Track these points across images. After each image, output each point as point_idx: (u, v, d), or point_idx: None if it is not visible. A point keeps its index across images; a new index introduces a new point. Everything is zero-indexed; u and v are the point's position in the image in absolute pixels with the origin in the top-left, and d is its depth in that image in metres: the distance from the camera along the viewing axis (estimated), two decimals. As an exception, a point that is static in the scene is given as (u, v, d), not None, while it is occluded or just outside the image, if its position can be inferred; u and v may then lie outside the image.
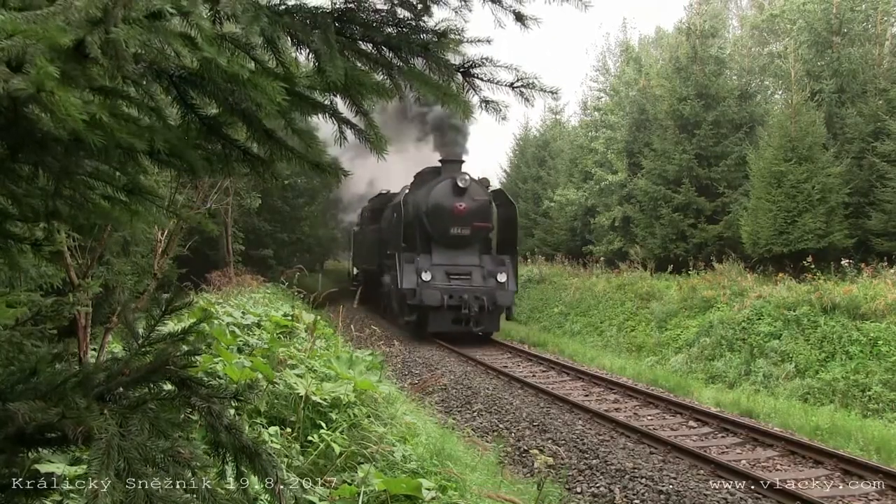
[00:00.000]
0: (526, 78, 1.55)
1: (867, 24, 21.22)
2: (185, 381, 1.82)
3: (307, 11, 1.16)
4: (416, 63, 1.37)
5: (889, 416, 10.95)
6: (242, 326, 8.08)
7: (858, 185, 18.44)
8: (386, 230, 19.89)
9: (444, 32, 1.32)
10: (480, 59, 1.49)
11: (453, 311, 15.98)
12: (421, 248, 17.16)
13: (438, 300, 15.83)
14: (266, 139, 1.33)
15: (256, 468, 1.81)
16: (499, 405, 10.01)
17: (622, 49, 38.01)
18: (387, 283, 19.14)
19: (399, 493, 3.71)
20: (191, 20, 0.94)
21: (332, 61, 1.14)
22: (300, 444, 4.34)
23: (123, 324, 2.09)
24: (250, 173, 1.46)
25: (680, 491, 6.37)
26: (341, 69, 1.15)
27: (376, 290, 21.41)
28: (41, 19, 0.86)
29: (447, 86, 1.40)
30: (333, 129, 1.51)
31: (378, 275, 20.77)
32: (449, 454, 5.15)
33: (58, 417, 1.47)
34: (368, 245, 23.14)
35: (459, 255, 17.12)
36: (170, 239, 5.69)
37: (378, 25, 1.27)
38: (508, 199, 18.79)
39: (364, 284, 24.33)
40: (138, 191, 1.57)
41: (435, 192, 17.30)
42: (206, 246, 19.06)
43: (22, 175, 1.31)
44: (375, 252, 21.17)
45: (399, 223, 17.08)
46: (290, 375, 5.13)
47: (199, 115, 1.33)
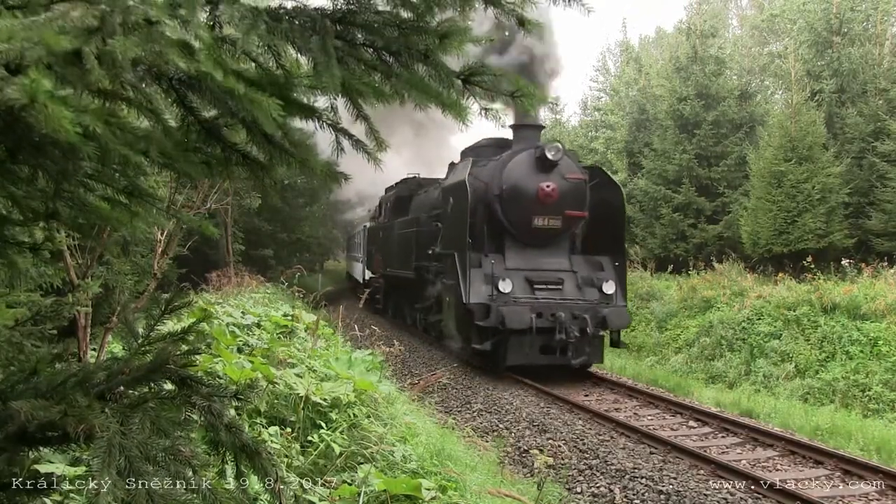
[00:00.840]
0: (526, 87, 1.56)
1: (867, 24, 21.23)
2: (185, 380, 1.82)
3: (307, 15, 1.17)
4: (417, 69, 1.37)
5: (889, 416, 10.96)
6: (242, 326, 8.09)
7: (858, 185, 18.45)
8: (426, 223, 15.03)
9: (447, 34, 1.32)
10: (480, 66, 1.49)
11: (543, 335, 10.91)
12: (489, 247, 12.07)
13: (527, 322, 10.73)
14: (265, 143, 1.34)
15: (256, 467, 1.82)
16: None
17: (622, 49, 38.02)
18: (435, 294, 14.02)
19: (399, 493, 3.72)
20: (189, 28, 0.95)
21: (329, 70, 1.15)
22: (300, 444, 4.35)
23: (123, 324, 2.11)
24: (249, 177, 1.47)
25: (680, 491, 6.37)
26: (338, 79, 1.16)
27: (407, 301, 17.46)
28: (38, 25, 0.87)
29: (447, 93, 1.40)
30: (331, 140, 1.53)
31: (414, 283, 15.74)
32: (449, 454, 5.16)
33: (60, 415, 1.47)
34: (395, 244, 17.88)
35: (543, 257, 12.15)
36: (169, 239, 5.70)
37: (379, 27, 1.28)
38: (609, 179, 13.11)
39: (385, 294, 20.62)
40: (137, 192, 1.58)
41: (512, 167, 12.03)
42: (206, 246, 19.07)
43: (21, 177, 1.32)
44: (407, 252, 16.19)
45: (462, 212, 11.68)
46: (290, 375, 5.14)
47: (199, 119, 1.34)
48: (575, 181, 12.11)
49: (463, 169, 12.73)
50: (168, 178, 5.32)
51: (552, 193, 11.80)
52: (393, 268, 18.19)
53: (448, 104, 1.39)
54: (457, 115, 1.41)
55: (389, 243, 18.85)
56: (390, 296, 20.31)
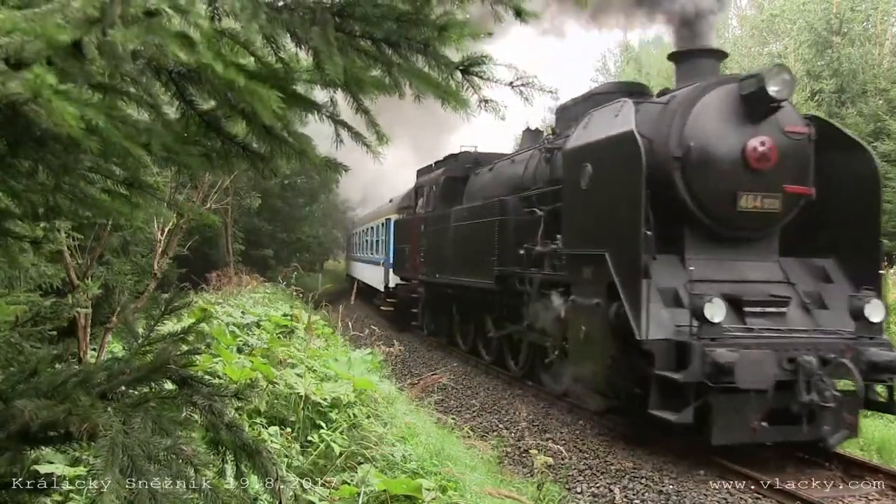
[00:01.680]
0: (525, 77, 1.57)
1: (867, 24, 21.27)
2: (186, 380, 1.83)
3: (307, 7, 1.17)
4: (417, 60, 1.38)
5: (889, 416, 10.94)
6: (242, 326, 8.09)
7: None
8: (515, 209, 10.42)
9: (445, 26, 1.32)
10: (480, 57, 1.50)
11: (778, 394, 6.35)
12: (657, 244, 7.09)
13: (770, 377, 6.31)
14: (265, 136, 1.34)
15: (256, 467, 1.81)
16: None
17: (622, 49, 38.08)
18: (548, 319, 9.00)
19: (399, 493, 3.71)
20: (189, 19, 0.95)
21: (331, 59, 1.14)
22: (300, 444, 4.35)
23: (123, 324, 2.10)
24: (249, 169, 1.47)
25: (680, 491, 6.36)
26: (340, 67, 1.16)
27: (471, 321, 12.91)
28: (39, 17, 0.86)
29: (447, 83, 1.41)
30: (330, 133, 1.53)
31: (492, 297, 11.12)
32: (449, 454, 5.16)
33: (64, 414, 1.47)
34: (452, 240, 12.77)
35: (744, 259, 7.53)
36: (169, 239, 5.70)
37: (378, 20, 1.28)
38: (846, 138, 7.91)
39: (429, 307, 15.57)
40: (138, 184, 1.58)
41: (700, 112, 7.33)
42: (206, 246, 19.08)
43: (22, 171, 1.32)
44: (478, 252, 11.22)
45: (629, 185, 6.91)
46: (290, 375, 5.14)
47: (199, 112, 1.34)
48: (797, 137, 7.36)
49: (618, 117, 7.39)
50: (168, 177, 5.32)
51: (769, 155, 7.11)
52: (449, 273, 12.78)
53: (449, 93, 1.39)
54: (457, 105, 1.41)
55: (439, 240, 13.46)
56: (437, 311, 15.18)
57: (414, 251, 15.65)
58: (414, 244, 15.66)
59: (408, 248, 16.41)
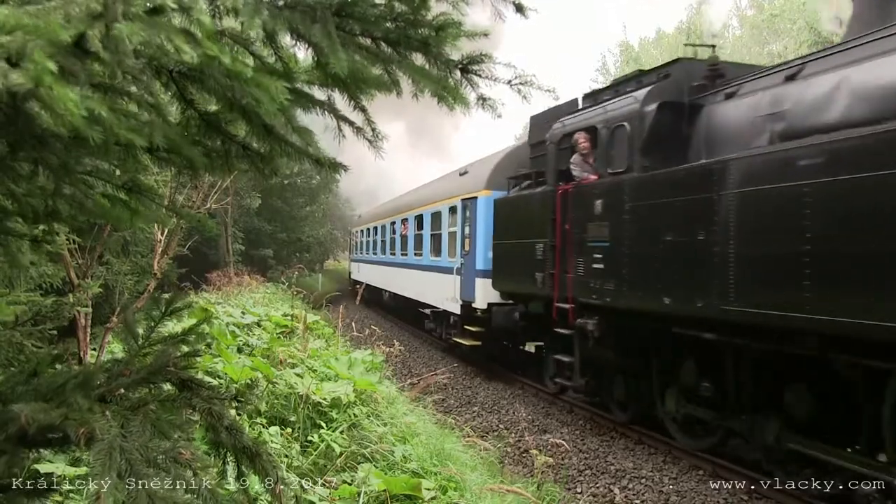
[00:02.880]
0: (523, 76, 1.57)
1: (867, 23, 21.27)
2: (185, 382, 1.82)
3: (307, 5, 1.17)
4: (416, 59, 1.38)
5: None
6: (242, 326, 8.09)
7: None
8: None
9: (443, 26, 1.33)
10: (479, 55, 1.51)
11: None
12: None
13: None
14: (266, 135, 1.34)
15: (257, 468, 1.81)
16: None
17: (622, 49, 38.08)
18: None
19: (399, 492, 3.71)
20: (191, 15, 0.94)
21: (335, 54, 1.14)
22: (300, 444, 4.34)
23: (123, 324, 2.10)
24: (250, 169, 1.47)
25: (680, 491, 6.36)
26: (345, 62, 1.15)
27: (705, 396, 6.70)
28: (42, 14, 0.86)
29: (445, 80, 1.41)
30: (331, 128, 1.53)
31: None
32: (449, 454, 5.15)
33: (61, 419, 1.46)
34: (718, 234, 5.75)
35: None
36: (169, 239, 5.70)
37: (376, 20, 1.28)
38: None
39: (595, 355, 8.14)
40: (137, 189, 1.57)
41: None
42: (206, 246, 19.09)
43: (22, 174, 1.31)
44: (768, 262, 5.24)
45: None
46: (290, 375, 5.13)
47: (199, 111, 1.34)
48: None
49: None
50: (168, 178, 5.32)
51: None
52: (700, 298, 6.00)
53: (448, 90, 1.39)
54: (456, 102, 1.41)
55: (657, 230, 6.69)
56: (621, 366, 8.19)
57: (571, 250, 8.61)
58: (571, 238, 8.60)
59: (543, 246, 9.42)
